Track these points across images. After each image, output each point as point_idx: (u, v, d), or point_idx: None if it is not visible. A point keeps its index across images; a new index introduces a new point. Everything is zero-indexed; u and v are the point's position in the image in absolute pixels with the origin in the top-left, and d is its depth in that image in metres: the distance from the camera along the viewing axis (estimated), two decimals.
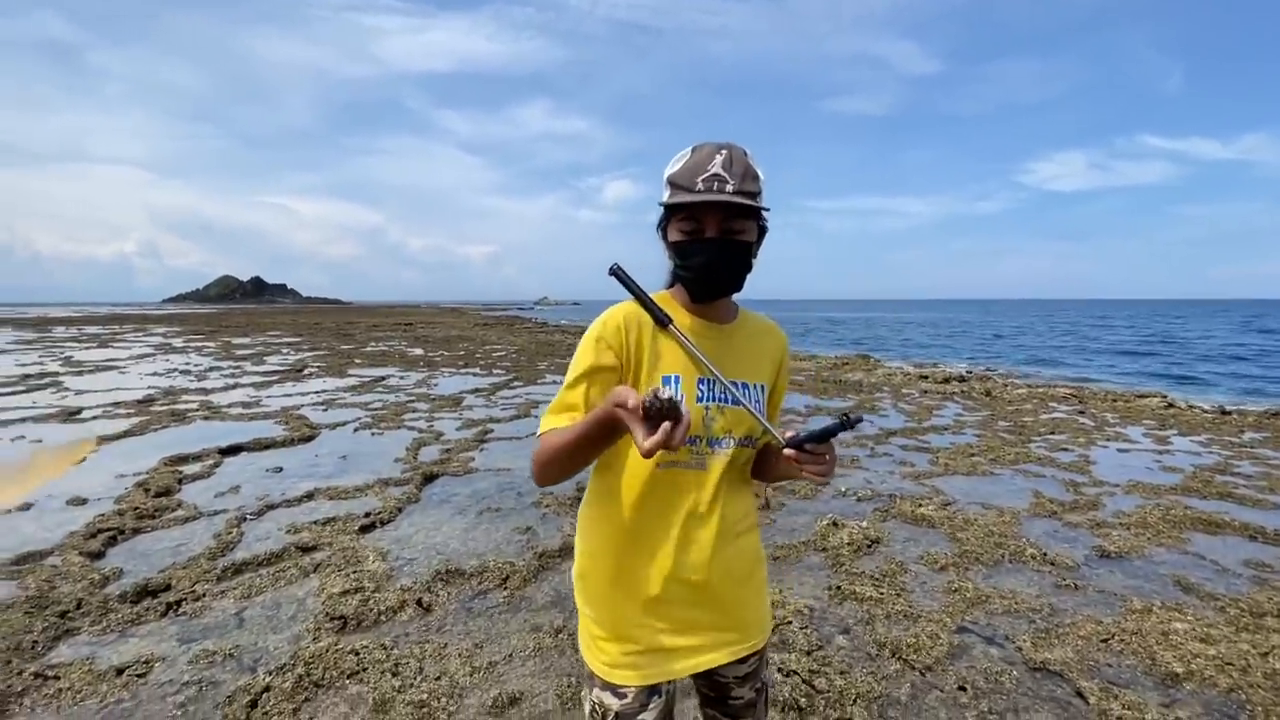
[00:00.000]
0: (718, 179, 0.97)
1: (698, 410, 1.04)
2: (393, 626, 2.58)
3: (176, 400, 7.97)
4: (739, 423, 1.07)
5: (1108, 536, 3.63)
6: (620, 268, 1.09)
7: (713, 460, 1.06)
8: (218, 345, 17.52)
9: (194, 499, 4.07)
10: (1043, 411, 8.10)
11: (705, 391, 1.06)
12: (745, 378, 1.10)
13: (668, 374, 1.05)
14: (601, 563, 1.12)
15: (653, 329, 1.07)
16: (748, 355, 1.13)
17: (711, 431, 1.06)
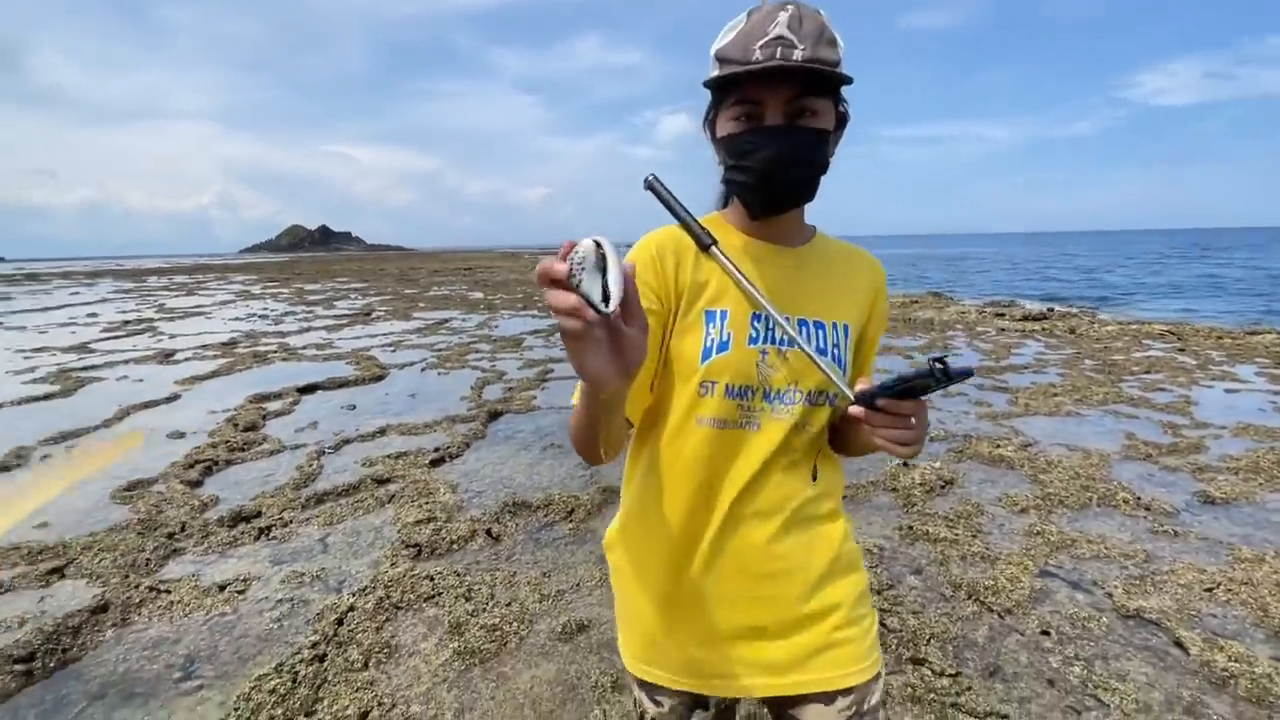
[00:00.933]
0: (782, 43, 0.72)
1: (749, 354, 0.82)
2: (464, 555, 2.68)
3: (257, 343, 8.44)
4: (809, 373, 0.83)
5: (1212, 481, 3.35)
6: (657, 179, 0.88)
7: (769, 420, 0.83)
8: (291, 291, 18.38)
9: (277, 434, 4.32)
10: (1136, 350, 7.50)
11: (761, 331, 0.83)
12: (818, 315, 0.86)
13: (711, 308, 0.83)
14: (627, 536, 0.95)
15: (695, 256, 0.85)
16: (824, 286, 0.88)
17: (769, 382, 0.82)
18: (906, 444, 0.70)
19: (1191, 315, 12.49)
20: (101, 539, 2.75)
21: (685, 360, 0.83)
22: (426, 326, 10.01)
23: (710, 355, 0.82)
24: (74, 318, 12.10)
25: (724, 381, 0.82)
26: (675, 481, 0.87)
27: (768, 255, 0.87)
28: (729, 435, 0.84)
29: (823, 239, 0.93)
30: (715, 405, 0.83)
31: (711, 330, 0.83)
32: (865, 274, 0.92)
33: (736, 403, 0.83)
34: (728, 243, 0.86)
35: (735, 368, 0.82)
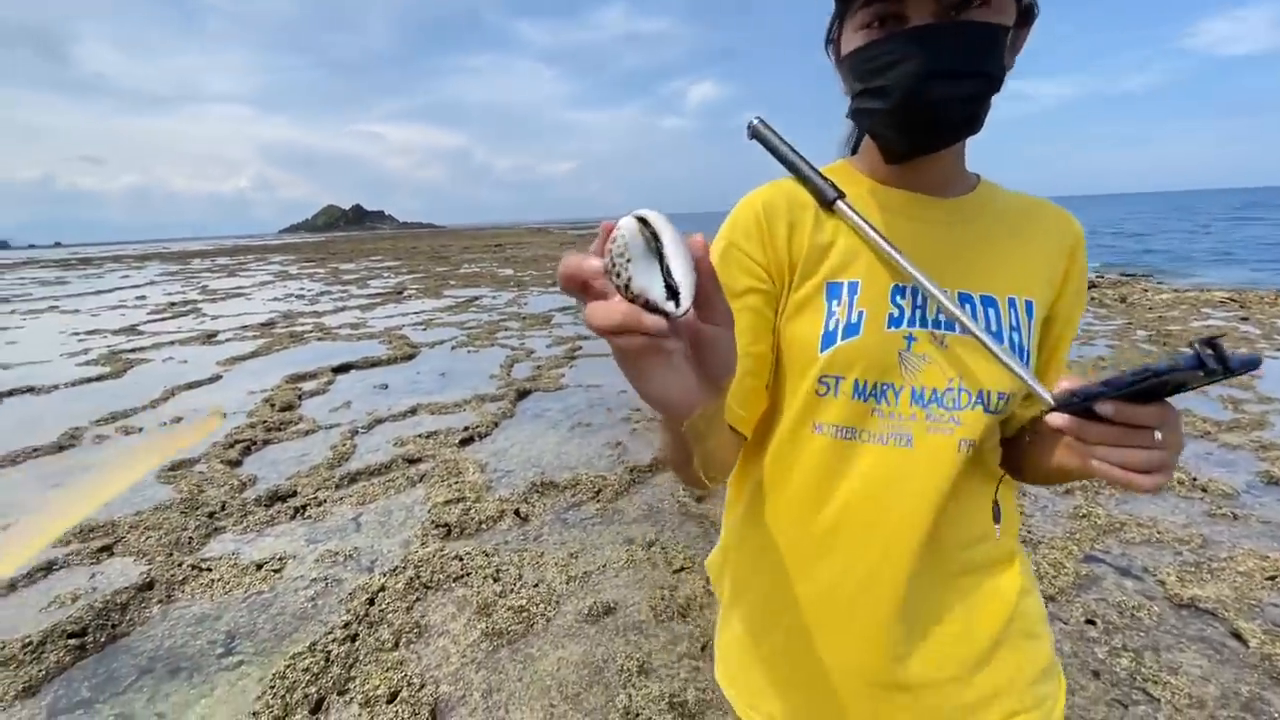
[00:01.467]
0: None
1: (889, 340, 0.62)
2: (493, 534, 2.69)
3: (294, 323, 8.63)
4: (981, 368, 0.62)
5: (1277, 461, 3.15)
6: (764, 122, 0.69)
7: (925, 433, 0.62)
8: (327, 271, 18.75)
9: (312, 414, 4.41)
10: (1193, 318, 7.11)
11: (905, 310, 0.63)
12: (987, 288, 0.64)
13: (835, 280, 0.64)
14: (732, 572, 0.77)
15: (815, 215, 0.66)
16: (995, 250, 0.65)
17: (918, 380, 0.62)
18: (1146, 471, 0.48)
19: (1257, 282, 11.79)
20: (147, 518, 2.85)
21: (800, 348, 0.65)
22: (457, 304, 10.10)
23: (834, 341, 0.63)
24: (123, 300, 12.57)
25: (853, 376, 0.63)
26: (786, 510, 0.68)
27: (915, 208, 0.65)
28: (862, 451, 0.64)
29: (990, 188, 0.69)
30: (840, 408, 0.64)
31: (835, 308, 0.63)
32: (1053, 232, 0.68)
33: (870, 406, 0.63)
34: (857, 195, 0.66)
35: (869, 358, 0.62)
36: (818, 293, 0.64)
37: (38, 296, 14.55)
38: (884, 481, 0.64)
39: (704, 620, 2.09)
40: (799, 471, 0.67)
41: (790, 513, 0.69)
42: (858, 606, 0.66)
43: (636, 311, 0.33)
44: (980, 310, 0.63)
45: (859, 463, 0.64)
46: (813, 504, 0.67)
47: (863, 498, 0.64)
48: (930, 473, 0.63)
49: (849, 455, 0.64)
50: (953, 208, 0.66)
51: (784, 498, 0.69)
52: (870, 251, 0.64)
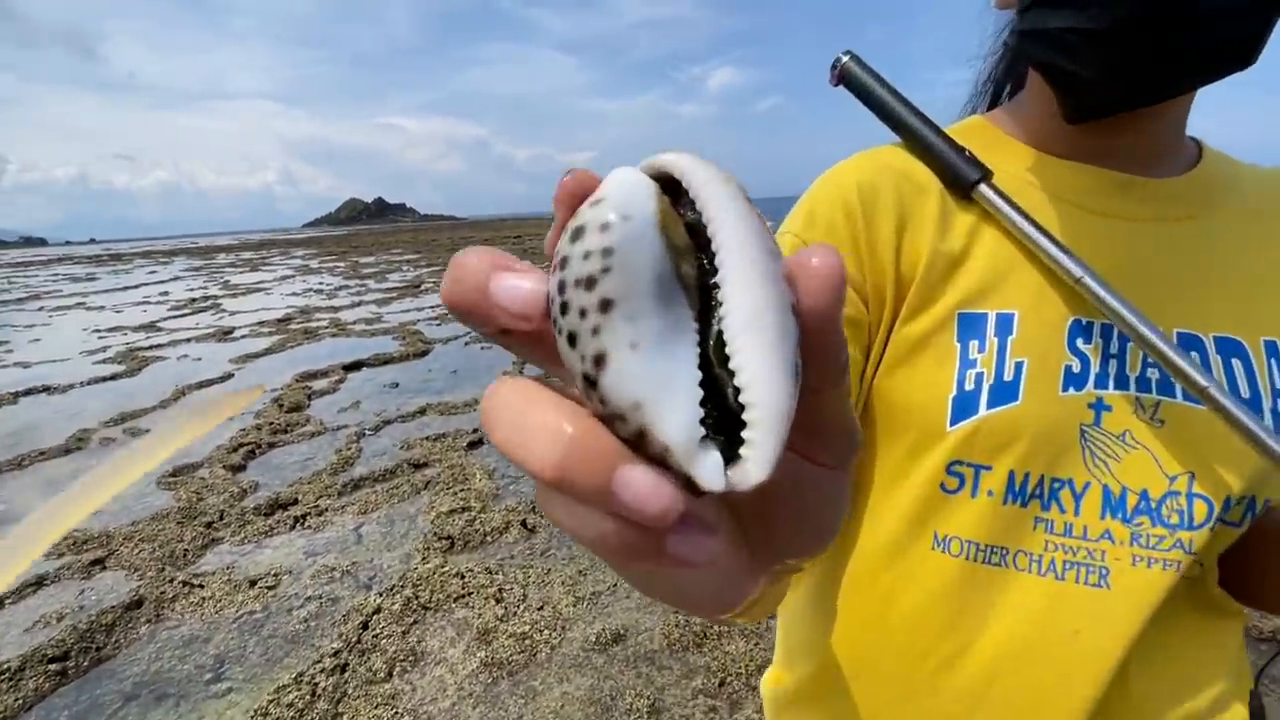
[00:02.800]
0: None
1: (1068, 408, 0.41)
2: (498, 548, 2.54)
3: (310, 318, 8.60)
4: (1215, 458, 0.40)
5: None
6: (857, 59, 0.47)
7: (1132, 565, 0.40)
8: (347, 265, 18.84)
9: (320, 414, 4.31)
10: None
11: (1093, 362, 0.41)
12: (1233, 328, 0.42)
13: (976, 310, 0.42)
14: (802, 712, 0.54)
15: (940, 204, 0.44)
16: (1246, 267, 0.43)
17: (1120, 479, 0.40)
18: None
19: None
20: (143, 528, 2.75)
21: (915, 417, 0.43)
22: None
23: (975, 408, 0.41)
24: (148, 296, 12.73)
25: (1006, 466, 0.41)
26: (883, 659, 0.46)
27: (1109, 197, 0.43)
28: (1018, 586, 0.41)
29: (1224, 163, 0.46)
30: (982, 516, 0.42)
31: (977, 355, 0.42)
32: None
33: (1033, 514, 0.41)
34: (1013, 174, 0.44)
35: (1033, 436, 0.40)
36: (945, 329, 0.42)
37: (67, 293, 14.83)
38: (1054, 638, 0.40)
39: (720, 652, 1.92)
40: (906, 605, 0.44)
41: (892, 666, 0.46)
42: None
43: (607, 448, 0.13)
44: (1217, 361, 0.40)
45: (1012, 604, 0.41)
46: (932, 661, 0.44)
47: (1015, 661, 0.41)
48: (1133, 621, 0.39)
49: (995, 590, 0.42)
50: (1171, 196, 0.43)
51: (881, 642, 0.46)
52: (1034, 266, 0.42)
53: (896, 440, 0.44)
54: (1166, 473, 0.40)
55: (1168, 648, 0.42)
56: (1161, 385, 0.40)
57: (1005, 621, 0.42)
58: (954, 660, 0.43)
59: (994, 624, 0.42)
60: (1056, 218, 0.42)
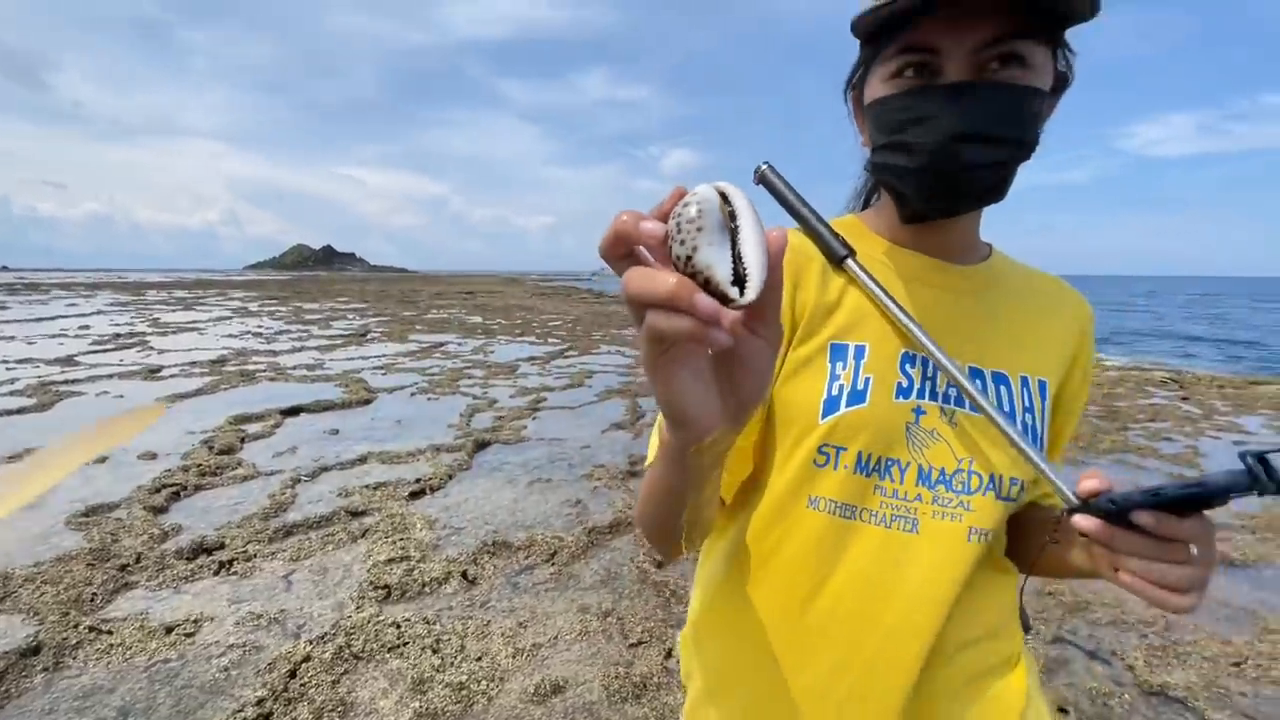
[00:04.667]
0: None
1: (897, 411, 0.57)
2: (436, 599, 2.49)
3: (247, 361, 8.29)
4: (990, 451, 0.57)
5: (1229, 541, 3.19)
6: (772, 168, 0.64)
7: (931, 518, 0.57)
8: (289, 310, 18.30)
9: (254, 458, 4.14)
10: (1139, 396, 7.38)
11: (916, 380, 0.58)
12: (1001, 365, 0.60)
13: (841, 341, 0.59)
14: (704, 653, 0.69)
15: (822, 271, 0.61)
16: (1011, 325, 0.62)
17: (927, 458, 0.57)
18: (1179, 590, 0.45)
19: (1189, 364, 12.44)
20: (47, 570, 2.56)
21: (798, 412, 0.59)
22: (421, 350, 9.89)
23: (837, 407, 0.57)
24: (65, 329, 11.95)
25: (856, 448, 0.57)
26: (772, 593, 0.61)
27: (929, 273, 0.62)
28: (860, 533, 0.58)
29: (1003, 259, 0.67)
30: (840, 482, 0.58)
31: (840, 371, 0.58)
32: (1067, 312, 0.65)
33: (873, 482, 0.57)
34: (869, 254, 0.62)
35: (874, 429, 0.57)
36: (821, 353, 0.59)
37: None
38: (884, 569, 0.57)
39: (659, 702, 1.93)
40: (789, 549, 0.60)
41: (777, 597, 0.61)
42: (849, 714, 0.58)
43: (691, 286, 0.29)
44: (991, 387, 0.59)
45: (857, 545, 0.58)
46: (803, 589, 0.60)
47: (860, 586, 0.58)
48: (936, 562, 0.57)
49: (846, 536, 0.58)
50: (968, 276, 0.63)
51: (770, 578, 0.62)
52: (879, 315, 0.60)
53: (786, 431, 0.61)
54: (957, 457, 0.58)
55: (972, 589, 0.59)
56: (957, 400, 0.58)
57: (854, 558, 0.59)
58: (819, 588, 0.59)
59: (846, 560, 0.59)
60: (895, 286, 0.61)
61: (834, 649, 0.59)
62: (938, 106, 0.52)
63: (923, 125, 0.53)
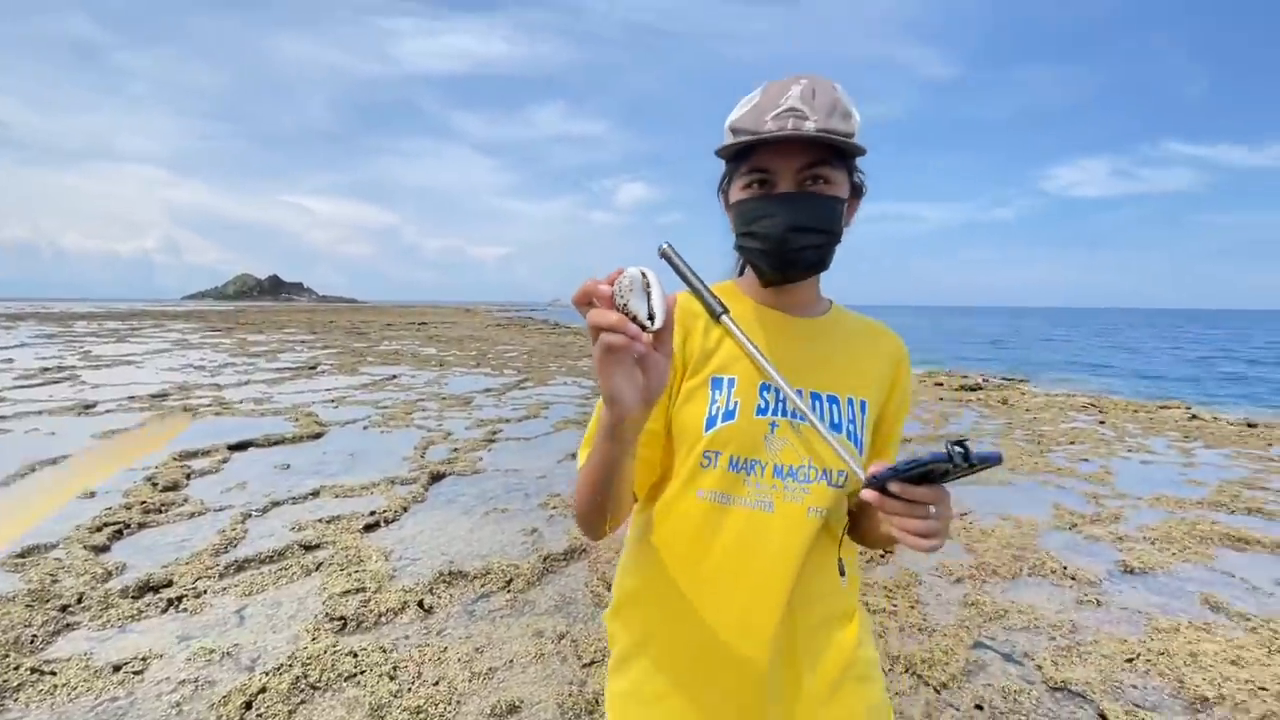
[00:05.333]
0: (794, 114, 0.72)
1: (757, 425, 0.78)
2: (393, 628, 2.53)
3: (190, 395, 8.03)
4: (823, 451, 0.78)
5: (1130, 550, 3.51)
6: (671, 247, 0.83)
7: (784, 501, 0.77)
8: (233, 342, 17.71)
9: (201, 494, 4.07)
10: (1061, 421, 7.93)
11: (770, 402, 0.79)
12: (832, 388, 0.81)
13: (718, 375, 0.80)
14: (623, 616, 0.88)
15: (705, 324, 0.82)
16: (839, 359, 0.84)
17: (779, 458, 0.78)
18: (924, 535, 0.63)
19: (1109, 392, 13.34)
20: None
21: (688, 428, 0.80)
22: (373, 382, 9.76)
23: (715, 424, 0.78)
24: None
25: (729, 453, 0.78)
26: (674, 563, 0.81)
27: (781, 324, 0.84)
28: (733, 513, 0.78)
29: (840, 312, 0.90)
30: (718, 478, 0.78)
31: (718, 397, 0.79)
32: (885, 349, 0.88)
33: (742, 477, 0.78)
34: (739, 311, 0.83)
35: (741, 439, 0.78)
36: (704, 385, 0.81)
37: None
38: (750, 537, 0.78)
39: None
40: (684, 528, 0.81)
41: (677, 564, 0.81)
42: (735, 650, 0.77)
43: (625, 320, 0.55)
44: (826, 405, 0.81)
45: (731, 522, 0.79)
46: (695, 556, 0.80)
47: (734, 551, 0.78)
48: (786, 533, 0.78)
49: (723, 516, 0.79)
50: (810, 326, 0.86)
51: (673, 552, 0.81)
52: (746, 358, 0.80)
53: (681, 442, 0.81)
54: (801, 456, 0.79)
55: (817, 555, 0.80)
56: (799, 416, 0.79)
57: (729, 531, 0.79)
58: (705, 554, 0.80)
59: (724, 533, 0.79)
60: (758, 335, 0.83)
61: (720, 597, 0.79)
62: (775, 208, 0.76)
63: (764, 221, 0.77)
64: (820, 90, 0.74)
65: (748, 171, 0.78)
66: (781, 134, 0.72)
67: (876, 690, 0.85)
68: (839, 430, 0.79)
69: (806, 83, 0.74)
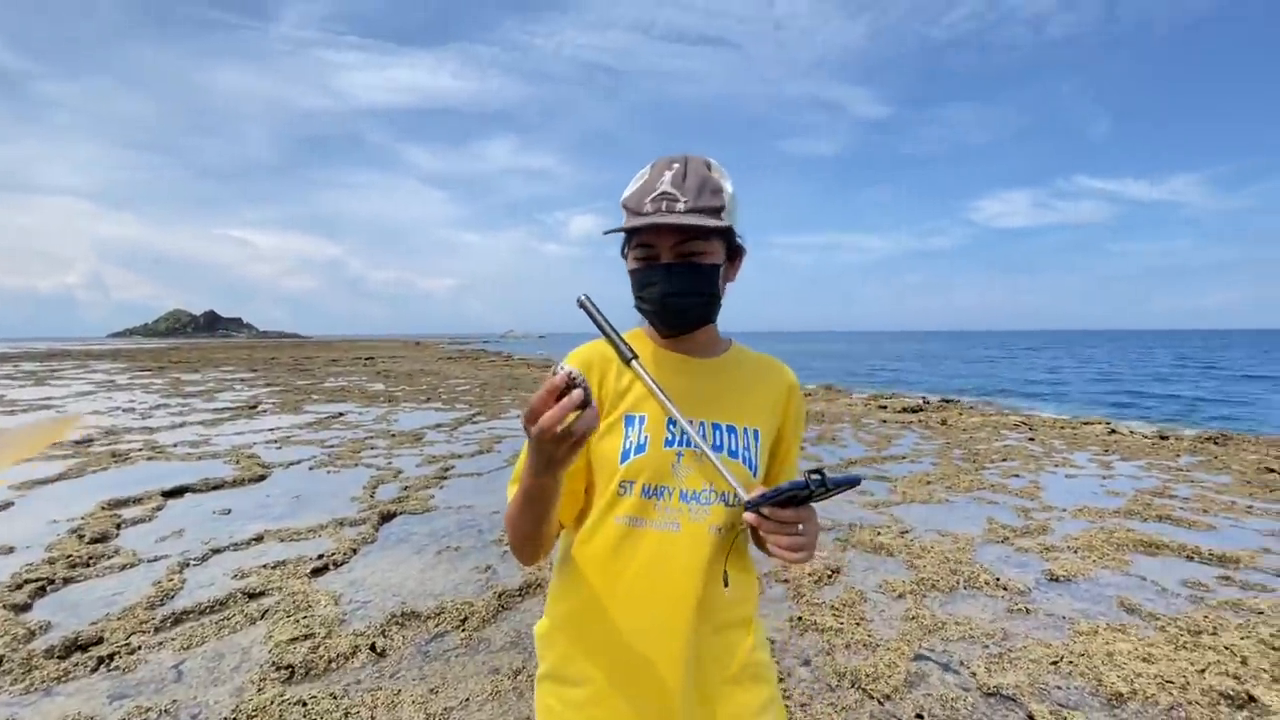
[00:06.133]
0: (667, 198, 0.85)
1: (665, 455, 0.89)
2: (344, 674, 2.48)
3: (118, 440, 7.61)
4: (715, 477, 0.89)
5: (1056, 560, 3.75)
6: (589, 299, 0.94)
7: (689, 520, 0.88)
8: (166, 382, 16.84)
9: (133, 545, 3.87)
10: (995, 439, 8.37)
11: (676, 435, 0.90)
12: (731, 419, 0.93)
13: (631, 413, 0.91)
14: (550, 640, 0.96)
15: (618, 368, 0.94)
16: (737, 394, 0.96)
17: (685, 483, 0.88)
18: (795, 550, 0.75)
19: (1038, 409, 14.12)
20: None
21: (606, 461, 0.90)
22: (319, 421, 9.46)
23: (629, 456, 0.89)
24: None
25: (641, 481, 0.88)
26: (596, 581, 0.90)
27: (682, 366, 0.96)
28: (646, 535, 0.88)
29: (738, 350, 1.01)
30: (632, 504, 0.88)
31: (631, 433, 0.90)
32: (776, 380, 1.00)
33: (653, 502, 0.88)
34: (646, 356, 0.95)
35: (652, 469, 0.88)
36: (620, 422, 0.92)
37: None
38: (661, 556, 0.88)
39: None
40: (603, 550, 0.90)
41: (599, 583, 0.90)
42: (651, 658, 0.87)
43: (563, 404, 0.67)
44: (725, 434, 0.92)
45: (644, 543, 0.89)
46: (614, 575, 0.89)
47: (647, 569, 0.88)
48: (691, 550, 0.88)
49: (638, 538, 0.89)
50: (709, 365, 0.98)
51: (595, 572, 0.91)
52: (653, 399, 0.91)
53: (601, 473, 0.92)
54: (702, 481, 0.89)
55: (713, 571, 0.89)
56: (698, 446, 0.88)
57: (643, 550, 0.89)
58: (622, 571, 0.89)
59: (638, 552, 0.89)
60: (662, 376, 0.93)
61: (637, 610, 0.88)
62: (658, 277, 0.89)
63: (650, 288, 0.90)
64: (692, 171, 0.86)
65: (636, 245, 0.91)
66: (654, 220, 0.84)
67: (770, 689, 0.95)
68: (736, 456, 0.91)
69: (679, 166, 0.87)
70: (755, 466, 0.92)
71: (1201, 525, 4.54)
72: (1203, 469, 6.62)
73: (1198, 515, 4.78)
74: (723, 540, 0.90)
